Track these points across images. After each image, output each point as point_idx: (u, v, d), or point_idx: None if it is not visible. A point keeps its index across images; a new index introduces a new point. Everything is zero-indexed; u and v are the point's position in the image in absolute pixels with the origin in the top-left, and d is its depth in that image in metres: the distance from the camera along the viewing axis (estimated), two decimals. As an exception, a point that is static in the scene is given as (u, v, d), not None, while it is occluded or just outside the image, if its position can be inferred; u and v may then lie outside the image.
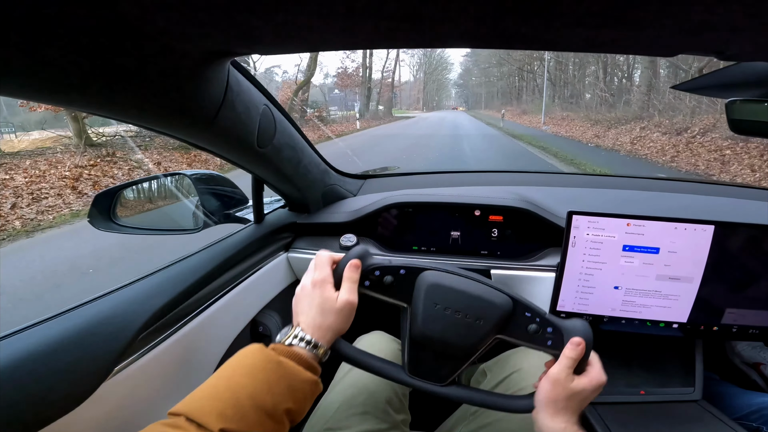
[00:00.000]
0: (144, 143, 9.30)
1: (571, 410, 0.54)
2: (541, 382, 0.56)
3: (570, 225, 0.82)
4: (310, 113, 20.02)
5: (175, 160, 8.42)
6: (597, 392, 0.56)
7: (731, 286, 0.79)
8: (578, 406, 0.55)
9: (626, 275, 0.81)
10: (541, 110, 22.75)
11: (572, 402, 0.54)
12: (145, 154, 8.51)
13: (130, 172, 7.27)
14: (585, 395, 0.55)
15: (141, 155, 8.34)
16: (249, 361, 0.49)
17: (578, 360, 0.55)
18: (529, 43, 0.44)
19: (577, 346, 0.55)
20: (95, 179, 6.56)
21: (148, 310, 0.62)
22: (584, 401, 0.55)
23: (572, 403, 0.54)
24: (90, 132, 8.91)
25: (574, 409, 0.55)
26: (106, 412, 0.58)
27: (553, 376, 0.54)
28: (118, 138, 9.37)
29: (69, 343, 0.52)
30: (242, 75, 0.64)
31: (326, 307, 0.55)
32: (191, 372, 0.75)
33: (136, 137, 9.57)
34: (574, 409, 0.55)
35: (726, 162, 7.34)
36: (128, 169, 7.34)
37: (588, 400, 0.56)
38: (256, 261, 0.94)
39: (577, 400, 0.54)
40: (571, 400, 0.54)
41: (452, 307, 0.59)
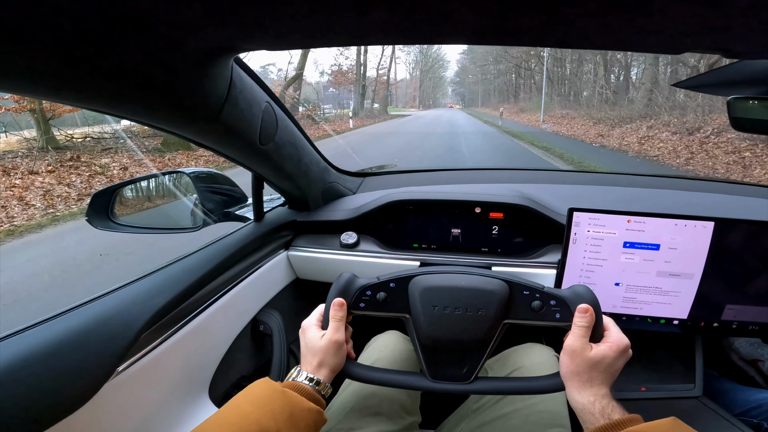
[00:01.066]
0: (116, 146, 8.95)
1: (599, 381, 0.53)
2: (561, 356, 0.56)
3: (571, 222, 0.82)
4: (301, 111, 19.97)
5: (145, 164, 8.13)
6: (623, 357, 0.54)
7: (731, 283, 0.80)
8: (607, 377, 0.54)
9: (627, 272, 0.82)
10: (539, 108, 22.73)
11: (596, 372, 0.53)
12: (114, 158, 8.10)
13: (90, 179, 6.68)
14: (609, 362, 0.53)
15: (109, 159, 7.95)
16: (255, 391, 0.53)
17: (591, 327, 0.55)
18: (534, 40, 0.44)
19: (585, 312, 0.55)
20: (47, 188, 6.02)
21: (149, 310, 0.62)
22: (612, 369, 0.54)
23: (597, 373, 0.53)
24: (58, 134, 8.66)
25: (602, 380, 0.53)
26: (110, 413, 0.58)
27: (569, 348, 0.54)
28: (88, 140, 9.08)
29: (70, 343, 0.52)
30: (245, 72, 0.63)
31: (314, 348, 0.59)
32: (194, 371, 0.75)
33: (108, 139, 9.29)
34: (603, 379, 0.53)
35: (747, 166, 6.79)
36: (88, 176, 6.81)
37: (615, 368, 0.54)
38: (256, 259, 0.94)
39: (602, 369, 0.53)
40: (595, 370, 0.53)
41: (451, 305, 0.60)
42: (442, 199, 1.03)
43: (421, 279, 0.62)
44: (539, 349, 0.84)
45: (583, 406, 0.52)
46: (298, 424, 0.50)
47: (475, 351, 0.61)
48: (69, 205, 5.63)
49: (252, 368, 0.95)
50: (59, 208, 5.45)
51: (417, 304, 0.61)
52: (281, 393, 0.52)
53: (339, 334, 0.60)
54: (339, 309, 0.61)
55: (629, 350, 0.56)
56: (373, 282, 0.63)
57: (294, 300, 1.11)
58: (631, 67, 18.56)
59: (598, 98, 19.02)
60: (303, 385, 0.56)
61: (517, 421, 0.70)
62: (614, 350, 0.54)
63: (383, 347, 0.84)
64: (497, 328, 0.60)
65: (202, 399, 0.76)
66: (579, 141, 12.37)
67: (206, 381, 0.79)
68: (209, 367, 0.80)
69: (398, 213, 1.06)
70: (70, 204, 5.66)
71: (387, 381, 0.64)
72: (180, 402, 0.72)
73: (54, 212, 5.30)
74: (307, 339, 0.61)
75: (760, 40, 0.39)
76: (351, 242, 1.03)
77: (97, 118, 9.80)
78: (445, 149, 11.35)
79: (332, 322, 0.60)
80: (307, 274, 1.10)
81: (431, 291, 0.61)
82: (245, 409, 0.49)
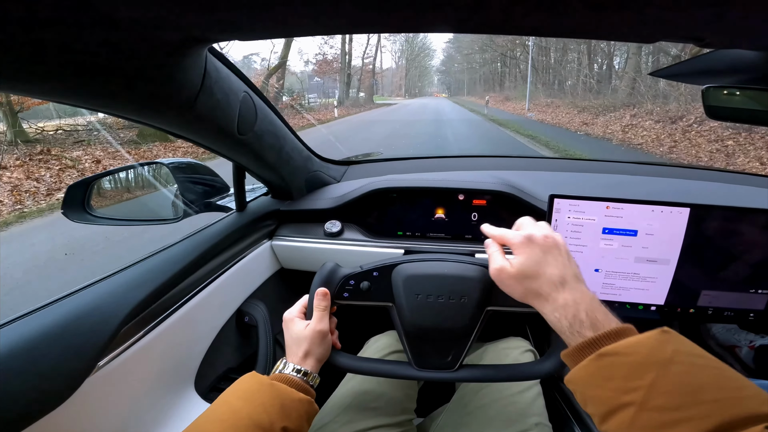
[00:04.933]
0: (88, 138, 8.68)
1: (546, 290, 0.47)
2: None
3: (552, 208, 0.83)
4: (285, 101, 19.74)
5: (120, 156, 7.85)
6: (553, 248, 0.48)
7: (706, 268, 0.81)
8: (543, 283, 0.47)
9: (606, 258, 0.83)
10: (524, 97, 22.86)
11: (536, 279, 0.48)
12: (87, 150, 7.82)
13: (60, 173, 6.45)
14: (534, 261, 0.48)
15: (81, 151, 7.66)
16: (244, 386, 0.53)
17: (498, 249, 0.54)
18: (511, 29, 0.44)
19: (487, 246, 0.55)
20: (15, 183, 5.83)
21: (129, 303, 0.61)
22: (549, 269, 0.47)
23: (537, 280, 0.47)
24: (28, 127, 8.37)
25: (549, 285, 0.47)
26: (92, 409, 0.57)
27: (493, 275, 0.52)
28: (60, 133, 8.79)
29: (47, 339, 0.51)
30: (221, 62, 0.62)
31: (299, 339, 0.59)
32: (177, 365, 0.74)
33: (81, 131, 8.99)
34: (550, 286, 0.47)
35: (730, 154, 6.79)
36: (59, 170, 6.58)
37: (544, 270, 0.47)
38: (240, 250, 0.93)
39: (535, 274, 0.48)
40: (532, 278, 0.48)
41: (433, 293, 0.61)
42: (425, 186, 1.03)
43: (403, 267, 0.63)
44: (514, 341, 0.86)
45: (552, 324, 0.46)
46: (291, 415, 0.50)
47: (459, 339, 0.62)
48: (38, 200, 5.45)
49: (238, 360, 0.94)
50: (27, 204, 5.27)
51: (400, 292, 0.62)
52: (270, 386, 0.52)
53: (323, 324, 0.60)
54: (323, 298, 0.61)
55: (554, 237, 0.50)
56: (356, 271, 0.64)
57: (279, 290, 1.11)
58: (614, 56, 18.76)
59: (582, 87, 19.18)
60: (291, 377, 0.56)
61: (495, 411, 0.72)
62: (526, 250, 0.48)
63: (383, 348, 0.85)
64: (480, 315, 0.61)
65: (188, 392, 0.76)
66: (564, 129, 12.44)
67: (192, 374, 0.78)
68: (194, 360, 0.79)
69: (382, 201, 1.05)
70: (39, 200, 5.48)
71: (373, 370, 0.65)
72: (165, 395, 0.71)
73: (21, 208, 5.12)
74: (292, 330, 0.61)
75: (730, 31, 0.40)
76: (335, 231, 1.03)
77: (69, 111, 9.47)
78: (431, 137, 11.31)
79: (316, 312, 0.61)
80: (292, 263, 1.10)
81: (414, 279, 0.62)
82: (235, 405, 0.49)
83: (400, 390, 0.78)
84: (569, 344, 0.44)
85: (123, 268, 0.69)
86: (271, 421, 0.48)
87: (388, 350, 0.84)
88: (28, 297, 2.71)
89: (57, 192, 5.75)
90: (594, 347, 0.41)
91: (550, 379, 0.93)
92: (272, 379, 0.54)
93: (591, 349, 0.41)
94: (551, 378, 0.92)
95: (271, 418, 0.48)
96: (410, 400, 0.80)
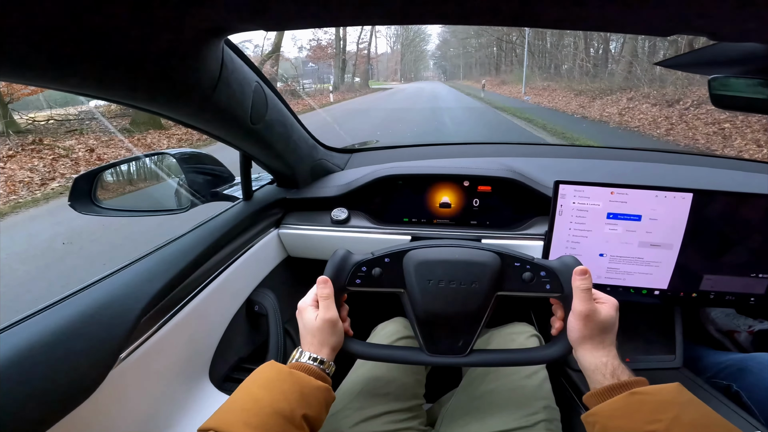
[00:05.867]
0: (80, 127, 8.50)
1: (609, 342, 0.56)
2: (570, 321, 0.58)
3: (557, 194, 0.84)
4: (279, 87, 19.52)
5: (114, 144, 7.66)
6: (617, 316, 0.57)
7: (709, 253, 0.83)
8: (613, 336, 0.57)
9: (610, 242, 0.85)
10: (520, 80, 22.69)
11: (606, 333, 0.56)
12: (79, 139, 7.65)
13: (53, 163, 6.33)
14: (614, 321, 0.57)
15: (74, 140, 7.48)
16: (264, 375, 0.54)
17: (591, 289, 0.57)
18: (523, 20, 0.44)
19: (584, 274, 0.58)
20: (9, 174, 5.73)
21: (147, 294, 0.62)
22: (615, 328, 0.57)
23: (606, 334, 0.56)
24: (19, 118, 8.26)
25: (611, 340, 0.56)
26: (116, 400, 0.58)
27: (582, 313, 0.56)
28: (51, 123, 8.64)
29: (70, 333, 0.51)
30: (234, 53, 0.62)
31: (311, 328, 0.60)
32: (192, 355, 0.75)
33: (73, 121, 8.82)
34: (611, 340, 0.56)
35: (727, 136, 6.84)
36: (52, 159, 6.44)
37: (615, 327, 0.57)
38: (248, 239, 0.94)
39: (610, 329, 0.56)
40: (605, 331, 0.56)
41: (445, 278, 0.61)
42: (431, 173, 1.04)
43: (415, 253, 0.63)
44: (519, 326, 0.87)
45: (596, 366, 0.54)
46: (310, 402, 0.51)
47: (469, 323, 0.63)
48: (32, 190, 5.38)
49: (249, 350, 0.96)
50: (21, 194, 5.21)
51: (412, 278, 0.62)
52: (289, 374, 0.53)
53: (331, 312, 0.60)
54: (324, 286, 0.62)
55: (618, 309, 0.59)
56: (368, 258, 0.64)
57: (286, 278, 1.12)
58: (611, 40, 18.55)
59: (579, 71, 19.05)
60: (308, 365, 0.57)
61: (504, 395, 0.73)
62: (614, 308, 0.57)
63: (393, 333, 0.86)
64: (490, 300, 0.62)
65: (203, 382, 0.77)
66: (561, 113, 12.38)
67: (206, 364, 0.79)
68: (208, 350, 0.80)
69: (388, 188, 1.06)
70: (33, 189, 5.41)
71: (385, 356, 0.66)
72: (182, 386, 0.72)
73: (16, 198, 5.07)
74: (304, 320, 0.61)
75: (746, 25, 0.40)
76: (342, 218, 1.04)
77: (60, 101, 9.30)
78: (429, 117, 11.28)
79: (321, 301, 0.61)
80: (299, 251, 1.11)
81: (426, 265, 0.62)
82: (257, 394, 0.50)
83: (411, 375, 0.79)
84: (597, 385, 0.53)
85: (137, 259, 0.69)
86: (292, 408, 0.49)
87: (396, 336, 0.85)
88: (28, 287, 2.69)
89: (51, 182, 5.69)
90: (626, 388, 0.49)
91: (556, 365, 0.95)
92: (291, 367, 0.55)
93: (622, 389, 0.49)
94: (557, 363, 0.94)
95: (292, 406, 0.49)
96: (420, 386, 0.82)
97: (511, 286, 0.62)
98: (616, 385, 0.50)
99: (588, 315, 0.56)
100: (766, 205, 0.79)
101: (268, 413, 0.47)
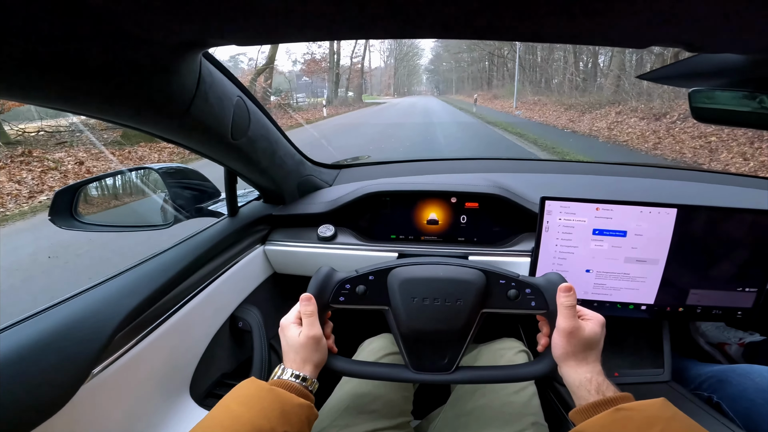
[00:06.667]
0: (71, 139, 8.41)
1: (594, 358, 0.56)
2: (554, 338, 0.58)
3: (543, 210, 0.84)
4: (273, 100, 19.63)
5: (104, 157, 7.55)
6: (604, 332, 0.58)
7: (694, 268, 0.83)
8: (598, 353, 0.57)
9: (596, 258, 0.84)
10: (511, 95, 23.06)
11: (590, 350, 0.56)
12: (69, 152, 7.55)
13: (42, 175, 6.21)
14: (599, 338, 0.57)
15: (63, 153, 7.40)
16: (244, 391, 0.53)
17: (575, 305, 0.57)
18: (502, 35, 0.45)
19: (569, 291, 0.58)
20: None
21: (123, 309, 0.61)
22: (600, 345, 0.57)
23: (590, 351, 0.56)
24: (9, 129, 8.16)
25: (595, 356, 0.57)
26: (87, 417, 0.56)
27: (565, 330, 0.56)
28: (42, 134, 8.55)
29: (41, 347, 0.50)
30: (215, 66, 0.62)
31: (294, 345, 0.60)
32: (172, 371, 0.74)
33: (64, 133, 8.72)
34: (596, 356, 0.57)
35: (714, 150, 6.85)
36: (41, 171, 6.31)
37: (600, 344, 0.57)
38: (232, 255, 0.92)
39: (594, 346, 0.57)
40: (589, 348, 0.56)
41: (430, 296, 0.61)
42: (418, 189, 1.04)
43: (399, 271, 0.63)
44: (508, 341, 0.87)
45: (581, 383, 0.54)
46: (291, 420, 0.50)
47: (455, 341, 0.63)
48: (20, 203, 5.31)
49: (233, 365, 0.94)
50: (9, 207, 5.14)
51: (396, 295, 0.62)
52: (269, 391, 0.52)
53: (315, 329, 0.60)
54: (308, 304, 0.61)
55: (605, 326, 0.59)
56: (352, 275, 0.64)
57: (272, 295, 1.10)
58: (600, 54, 18.96)
59: (569, 85, 19.37)
60: (290, 382, 0.56)
61: (492, 411, 0.73)
62: (600, 325, 0.57)
63: (377, 350, 0.85)
64: (475, 317, 0.62)
65: (184, 398, 0.76)
66: (551, 127, 12.51)
67: (187, 380, 0.78)
68: (189, 366, 0.79)
69: (375, 204, 1.06)
70: (21, 202, 5.34)
71: (370, 373, 0.65)
72: (161, 402, 0.71)
73: (4, 212, 5.00)
74: (287, 337, 0.61)
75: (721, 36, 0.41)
76: (329, 235, 1.03)
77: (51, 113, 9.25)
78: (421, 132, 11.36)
79: (304, 318, 0.61)
80: (285, 268, 1.09)
81: (410, 282, 0.62)
82: (236, 411, 0.49)
83: (398, 392, 0.78)
84: (583, 401, 0.53)
85: (116, 274, 0.68)
86: (272, 426, 0.48)
87: (382, 353, 0.84)
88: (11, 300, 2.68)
89: (39, 194, 5.62)
90: (611, 404, 0.49)
91: (545, 380, 0.94)
92: (272, 384, 0.54)
93: (608, 405, 0.49)
94: (546, 378, 0.93)
95: (272, 423, 0.48)
96: (407, 402, 0.81)
97: (497, 304, 0.62)
98: (601, 402, 0.50)
99: (571, 332, 0.56)
100: (749, 219, 0.80)
101: (247, 430, 0.46)
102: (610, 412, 0.48)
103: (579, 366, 0.56)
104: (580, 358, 0.56)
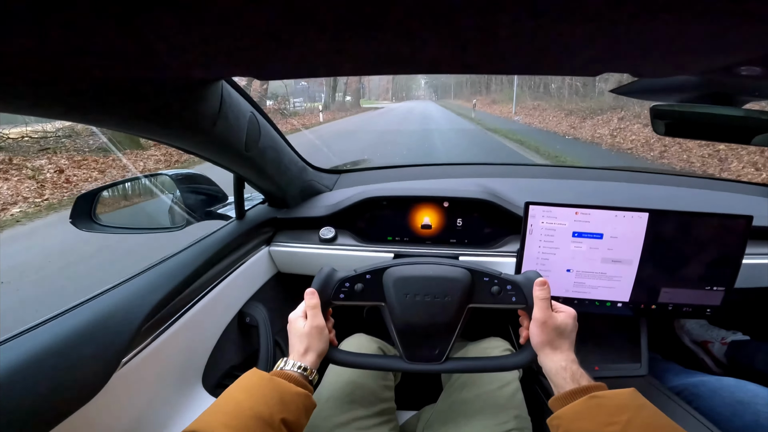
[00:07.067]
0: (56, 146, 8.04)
1: (566, 347, 0.62)
2: (531, 328, 0.65)
3: (527, 214, 0.91)
4: (269, 105, 19.60)
5: (86, 165, 7.15)
6: (576, 324, 0.64)
7: (665, 268, 0.89)
8: (570, 343, 0.63)
9: (576, 259, 0.92)
10: (510, 99, 23.09)
11: (562, 339, 0.62)
12: (51, 159, 7.17)
13: (18, 185, 5.90)
14: (570, 328, 0.63)
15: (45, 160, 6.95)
16: (246, 381, 0.58)
17: (549, 299, 0.64)
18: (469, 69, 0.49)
19: (543, 285, 0.65)
20: None
21: (148, 304, 0.68)
22: (572, 336, 0.63)
23: (562, 339, 0.62)
24: None
25: (568, 345, 0.62)
26: (118, 402, 0.63)
27: (539, 320, 0.63)
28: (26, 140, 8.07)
29: (79, 338, 0.57)
30: (232, 87, 0.70)
31: (299, 334, 0.66)
32: (187, 362, 0.81)
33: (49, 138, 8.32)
34: (568, 345, 0.62)
35: (723, 159, 6.59)
36: (17, 180, 6.01)
37: (574, 333, 0.64)
38: (240, 255, 0.99)
39: (566, 335, 0.62)
40: (561, 337, 0.62)
41: (421, 292, 0.68)
42: (413, 194, 1.11)
43: (394, 270, 0.70)
44: (495, 340, 0.94)
45: (557, 370, 0.59)
46: (289, 408, 0.55)
47: (444, 333, 0.70)
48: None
49: (241, 358, 1.01)
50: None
51: (391, 292, 0.69)
52: (269, 380, 0.57)
53: (318, 320, 0.66)
54: (311, 297, 0.68)
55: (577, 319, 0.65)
56: (351, 274, 0.71)
57: (276, 292, 1.17)
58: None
59: (568, 90, 19.29)
60: (290, 372, 0.61)
61: (478, 405, 0.79)
62: (571, 317, 0.64)
63: (357, 347, 0.91)
64: (462, 311, 0.69)
65: (197, 387, 0.82)
66: (552, 133, 12.25)
67: (199, 370, 0.85)
68: (202, 358, 0.86)
69: (373, 208, 1.13)
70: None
71: (368, 364, 0.72)
72: (177, 390, 0.78)
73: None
74: (294, 328, 0.67)
75: (662, 63, 0.47)
76: (329, 237, 1.10)
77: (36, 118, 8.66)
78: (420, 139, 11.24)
79: (309, 311, 0.67)
80: (289, 267, 1.16)
81: (403, 280, 0.69)
82: (239, 398, 0.54)
83: (378, 382, 0.84)
84: (560, 389, 0.58)
85: (140, 272, 0.75)
86: (271, 413, 0.52)
87: (360, 349, 0.90)
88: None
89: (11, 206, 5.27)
90: (586, 392, 0.54)
91: (531, 374, 1.01)
92: (272, 375, 0.59)
93: (583, 393, 0.54)
94: (532, 373, 1.00)
95: (271, 410, 0.52)
96: (388, 390, 0.86)
97: (481, 299, 0.69)
98: (577, 390, 0.55)
99: (545, 321, 0.62)
100: (716, 223, 0.86)
101: (248, 416, 0.51)
102: (585, 399, 0.53)
103: (554, 353, 0.61)
104: (555, 346, 0.62)
